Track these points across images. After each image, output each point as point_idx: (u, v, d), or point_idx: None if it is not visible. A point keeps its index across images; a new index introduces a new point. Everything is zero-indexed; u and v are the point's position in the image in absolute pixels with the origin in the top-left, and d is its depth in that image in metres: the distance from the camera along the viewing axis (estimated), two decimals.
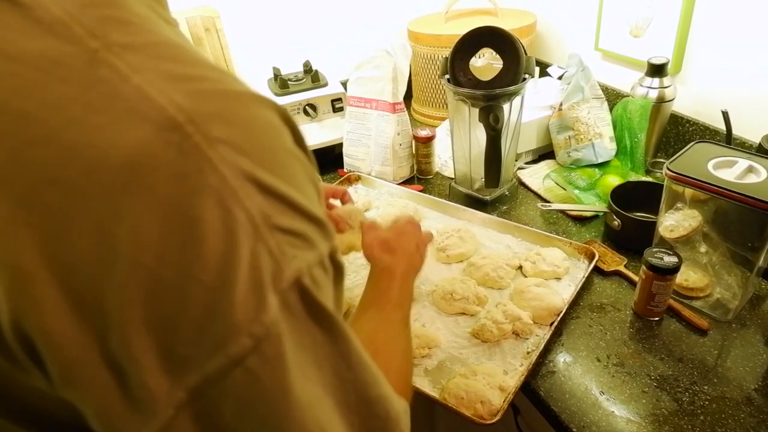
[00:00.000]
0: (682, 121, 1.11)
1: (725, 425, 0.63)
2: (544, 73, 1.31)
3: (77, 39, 0.23)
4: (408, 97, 1.43)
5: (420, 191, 1.13)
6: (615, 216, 0.91)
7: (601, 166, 1.13)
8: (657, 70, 1.05)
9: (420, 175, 1.21)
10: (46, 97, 0.22)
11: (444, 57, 0.97)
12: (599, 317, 0.80)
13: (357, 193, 1.16)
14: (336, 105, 1.24)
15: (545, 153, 1.23)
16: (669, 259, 0.74)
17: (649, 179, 1.08)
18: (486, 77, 0.94)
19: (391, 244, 0.67)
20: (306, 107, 1.20)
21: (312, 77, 1.26)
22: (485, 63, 1.06)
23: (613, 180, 1.05)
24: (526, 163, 1.21)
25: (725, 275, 0.79)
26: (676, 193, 0.78)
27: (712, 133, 1.06)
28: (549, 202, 1.07)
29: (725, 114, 0.95)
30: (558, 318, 0.78)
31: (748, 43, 0.97)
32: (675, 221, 0.79)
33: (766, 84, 0.97)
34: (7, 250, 0.22)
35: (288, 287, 0.25)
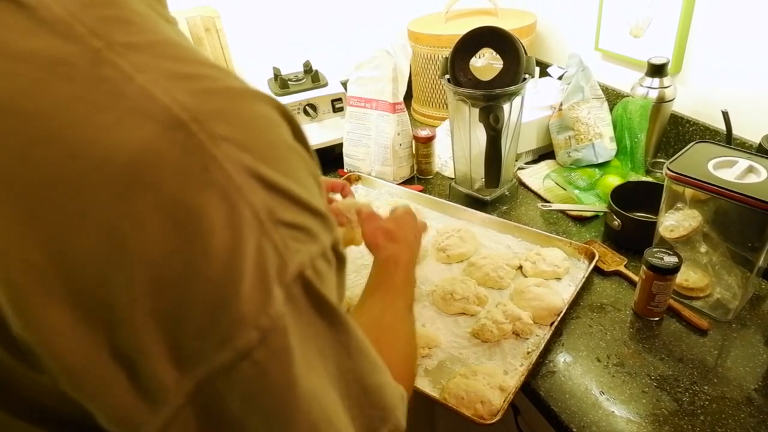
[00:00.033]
0: (682, 121, 1.11)
1: (725, 425, 0.63)
2: (544, 73, 1.31)
3: (80, 39, 0.23)
4: (408, 97, 1.43)
5: (420, 191, 1.13)
6: (615, 216, 0.91)
7: (601, 166, 1.13)
8: (657, 70, 1.05)
9: (420, 175, 1.21)
10: (50, 97, 0.22)
11: (444, 57, 0.97)
12: (599, 317, 0.80)
13: (357, 194, 1.16)
14: (336, 105, 1.24)
15: (545, 153, 1.23)
16: (669, 259, 0.74)
17: (649, 179, 1.08)
18: (486, 77, 0.94)
19: (394, 233, 0.68)
20: (306, 107, 1.20)
21: (312, 77, 1.26)
22: (485, 63, 1.06)
23: (613, 180, 1.05)
24: (526, 163, 1.21)
25: (725, 275, 0.79)
26: (676, 193, 0.78)
27: (712, 133, 1.06)
28: (549, 202, 1.07)
29: (725, 114, 0.95)
30: (558, 318, 0.78)
31: (748, 44, 0.97)
32: (675, 221, 0.79)
33: (766, 84, 0.97)
34: (13, 250, 0.22)
35: (292, 280, 0.26)
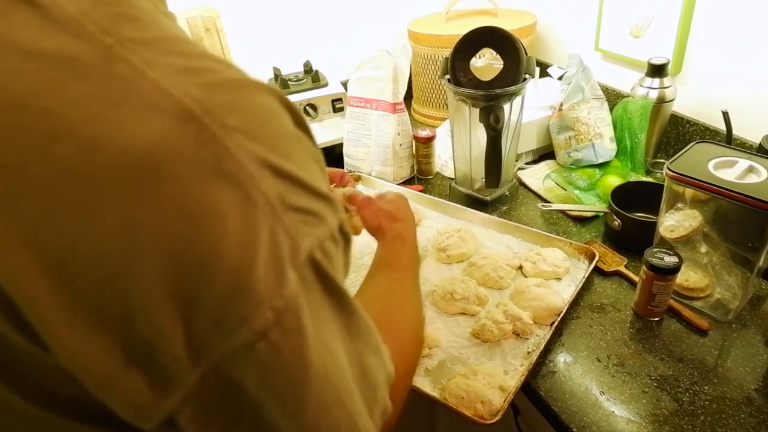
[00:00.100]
0: (682, 122, 1.11)
1: (725, 425, 0.63)
2: (544, 74, 1.31)
3: (91, 36, 0.24)
4: (408, 98, 1.43)
5: (420, 191, 1.13)
6: (615, 216, 0.91)
7: (602, 166, 1.13)
8: (657, 70, 1.05)
9: (420, 176, 1.21)
10: (65, 94, 0.23)
11: (444, 57, 0.97)
12: (599, 317, 0.80)
13: None
14: (336, 105, 1.24)
15: (545, 153, 1.23)
16: (669, 259, 0.74)
17: (650, 179, 1.08)
18: (486, 77, 0.94)
19: (395, 213, 0.70)
20: (306, 107, 1.20)
21: (312, 77, 1.26)
22: (486, 63, 1.06)
23: (614, 180, 1.05)
24: (526, 164, 1.21)
25: (725, 275, 0.79)
26: (676, 194, 0.78)
27: (712, 134, 1.06)
28: (549, 202, 1.07)
29: (725, 114, 0.95)
30: (558, 318, 0.78)
31: (748, 44, 0.97)
32: (675, 221, 0.79)
33: (766, 84, 0.97)
34: (25, 250, 0.22)
35: (304, 262, 0.27)
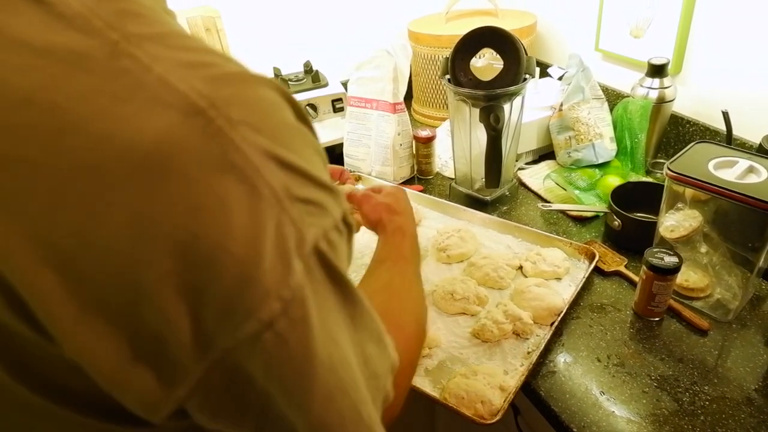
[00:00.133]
0: (682, 122, 1.11)
1: (725, 425, 0.63)
2: (544, 74, 1.31)
3: (98, 32, 0.24)
4: (408, 98, 1.43)
5: (420, 191, 1.13)
6: (615, 216, 0.91)
7: (602, 166, 1.13)
8: (657, 70, 1.05)
9: (420, 176, 1.21)
10: (72, 90, 0.23)
11: (444, 57, 0.97)
12: (600, 317, 0.80)
13: None
14: (336, 105, 1.24)
15: (545, 153, 1.23)
16: (669, 260, 0.74)
17: (650, 179, 1.08)
18: (486, 77, 0.94)
19: (394, 206, 0.70)
20: (306, 107, 1.20)
21: (312, 77, 1.26)
22: (486, 63, 1.06)
23: (614, 180, 1.05)
24: (526, 164, 1.21)
25: (725, 276, 0.79)
26: (676, 194, 0.78)
27: (712, 134, 1.06)
28: (549, 202, 1.07)
29: (725, 114, 0.95)
30: (558, 318, 0.78)
31: (748, 44, 0.97)
32: (675, 221, 0.79)
33: (766, 84, 0.97)
34: (47, 233, 0.23)
35: (309, 252, 0.27)
